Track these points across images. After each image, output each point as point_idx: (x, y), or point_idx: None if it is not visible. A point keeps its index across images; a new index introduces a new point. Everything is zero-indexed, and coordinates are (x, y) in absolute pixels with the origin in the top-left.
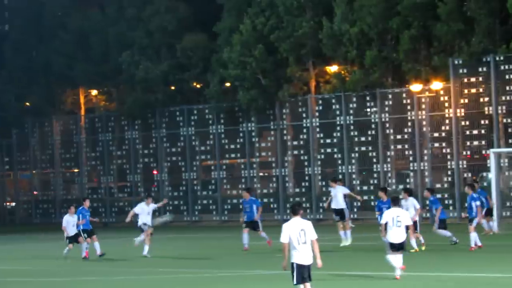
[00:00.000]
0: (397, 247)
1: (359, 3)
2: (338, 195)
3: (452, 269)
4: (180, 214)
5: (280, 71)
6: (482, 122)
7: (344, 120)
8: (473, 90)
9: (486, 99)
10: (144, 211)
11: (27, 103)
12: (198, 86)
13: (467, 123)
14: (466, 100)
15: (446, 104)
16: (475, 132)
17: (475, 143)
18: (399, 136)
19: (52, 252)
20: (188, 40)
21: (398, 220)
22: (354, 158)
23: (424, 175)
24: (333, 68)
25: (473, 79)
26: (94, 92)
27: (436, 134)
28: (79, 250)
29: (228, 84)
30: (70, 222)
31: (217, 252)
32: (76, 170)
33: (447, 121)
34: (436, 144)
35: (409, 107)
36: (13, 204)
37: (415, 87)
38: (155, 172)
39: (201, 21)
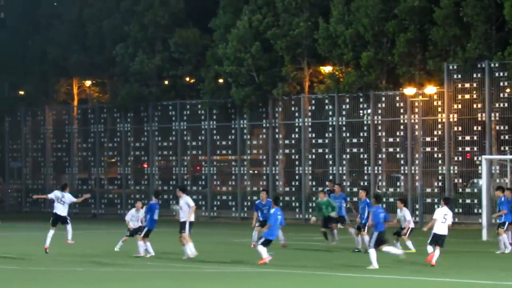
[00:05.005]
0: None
1: (356, 5)
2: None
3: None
4: (168, 208)
5: (275, 69)
6: (475, 128)
7: (336, 121)
8: (467, 96)
9: (480, 105)
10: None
11: (21, 92)
12: (191, 81)
13: (460, 128)
14: (460, 106)
15: (439, 109)
16: (467, 138)
17: (467, 148)
18: (391, 139)
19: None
20: (181, 35)
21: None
22: (345, 159)
23: (415, 179)
24: (327, 69)
25: (467, 85)
26: (87, 83)
27: (428, 139)
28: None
29: (222, 80)
30: (135, 216)
31: (205, 248)
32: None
33: (439, 126)
34: (428, 149)
35: (402, 110)
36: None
37: (409, 90)
38: (145, 165)
39: (194, 17)
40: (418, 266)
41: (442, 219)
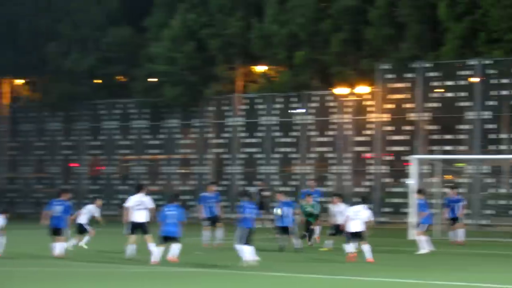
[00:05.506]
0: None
1: (291, 4)
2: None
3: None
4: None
5: (207, 69)
6: (405, 128)
7: (268, 120)
8: (399, 96)
9: (411, 105)
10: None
11: None
12: (123, 80)
13: (391, 128)
14: (391, 106)
15: (371, 109)
16: (398, 137)
17: (397, 148)
18: (322, 139)
19: None
20: (114, 34)
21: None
22: (276, 159)
23: (345, 179)
24: (260, 68)
25: (399, 85)
26: (19, 81)
27: (359, 138)
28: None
29: (153, 79)
30: (91, 212)
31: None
32: None
33: (370, 126)
34: (359, 148)
35: (333, 110)
36: None
37: (341, 90)
38: (75, 164)
39: (129, 15)
40: (336, 264)
41: (354, 217)
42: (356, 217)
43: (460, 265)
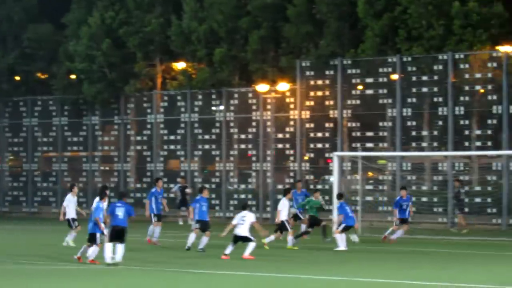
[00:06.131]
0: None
1: (209, 1)
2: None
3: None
4: (19, 205)
5: (127, 66)
6: (327, 125)
7: (188, 117)
8: (319, 93)
9: (332, 102)
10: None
11: None
12: (43, 77)
13: (312, 125)
14: (312, 103)
15: (292, 106)
16: (319, 134)
17: (319, 145)
18: (243, 136)
19: None
20: (34, 31)
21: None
22: (197, 155)
23: (266, 176)
24: (180, 65)
25: (319, 82)
26: None
27: (280, 135)
28: None
29: (74, 76)
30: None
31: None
32: None
33: (291, 123)
34: (280, 145)
35: (254, 107)
36: None
37: (262, 87)
38: None
39: (48, 12)
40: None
41: (240, 221)
42: (242, 222)
43: (374, 262)
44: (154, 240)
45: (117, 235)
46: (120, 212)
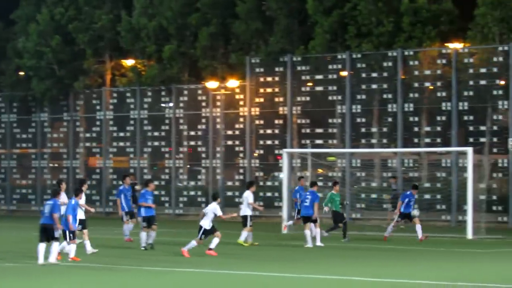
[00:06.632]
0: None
1: None
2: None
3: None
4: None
5: (76, 63)
6: (276, 122)
7: (138, 114)
8: (269, 90)
9: (281, 99)
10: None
11: None
12: None
13: (262, 122)
14: (262, 99)
15: (241, 103)
16: (269, 131)
17: (269, 142)
18: (192, 132)
19: None
20: None
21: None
22: (147, 152)
23: (216, 172)
24: (130, 62)
25: (269, 79)
26: None
27: (230, 132)
28: None
29: (22, 73)
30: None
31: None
32: None
33: (241, 119)
34: (230, 142)
35: (204, 104)
36: None
37: (211, 84)
38: None
39: None
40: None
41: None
42: (210, 214)
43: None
44: (126, 238)
45: (44, 233)
46: (47, 209)
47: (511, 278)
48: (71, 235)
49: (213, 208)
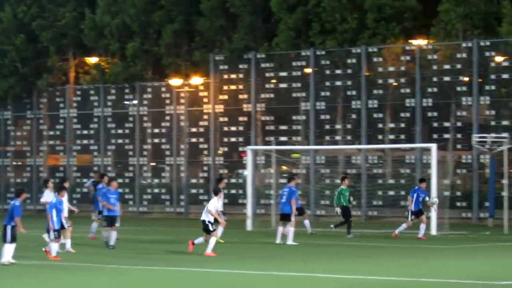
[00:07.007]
0: None
1: None
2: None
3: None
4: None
5: (40, 60)
6: (240, 119)
7: (101, 112)
8: (233, 87)
9: (245, 96)
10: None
11: None
12: None
13: (226, 119)
14: (226, 97)
15: (205, 100)
16: (233, 128)
17: (233, 139)
18: (156, 130)
19: None
20: None
21: None
22: (111, 150)
23: (180, 170)
24: (93, 59)
25: (233, 76)
26: None
27: (194, 129)
28: None
29: None
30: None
31: None
32: None
33: (205, 117)
34: (194, 139)
35: (168, 101)
36: None
37: (175, 81)
38: None
39: None
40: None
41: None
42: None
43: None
44: (91, 235)
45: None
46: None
47: (474, 274)
48: (55, 233)
49: (210, 202)
